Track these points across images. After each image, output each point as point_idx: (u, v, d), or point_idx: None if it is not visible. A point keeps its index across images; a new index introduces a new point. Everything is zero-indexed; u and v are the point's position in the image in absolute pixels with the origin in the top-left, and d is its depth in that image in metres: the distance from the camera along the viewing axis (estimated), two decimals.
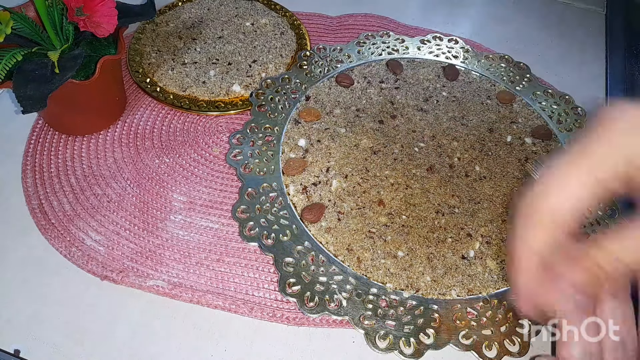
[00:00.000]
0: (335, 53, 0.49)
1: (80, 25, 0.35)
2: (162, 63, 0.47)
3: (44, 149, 0.41)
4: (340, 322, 0.33)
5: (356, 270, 0.34)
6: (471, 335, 0.32)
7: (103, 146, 0.42)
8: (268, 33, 0.51)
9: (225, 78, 0.46)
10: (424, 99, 0.46)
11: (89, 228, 0.37)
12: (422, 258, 0.35)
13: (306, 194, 0.38)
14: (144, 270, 0.35)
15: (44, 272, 0.35)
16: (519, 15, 0.58)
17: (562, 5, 0.60)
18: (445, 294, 0.34)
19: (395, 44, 0.50)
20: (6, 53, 0.35)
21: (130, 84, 0.47)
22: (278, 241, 0.35)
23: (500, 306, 0.33)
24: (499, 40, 0.54)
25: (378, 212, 0.37)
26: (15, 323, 0.32)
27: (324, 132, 0.42)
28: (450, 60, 0.49)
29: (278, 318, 0.33)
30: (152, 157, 0.41)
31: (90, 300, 0.33)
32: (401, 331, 0.32)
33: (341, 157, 0.41)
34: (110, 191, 0.39)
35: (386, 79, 0.47)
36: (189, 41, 0.49)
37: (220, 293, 0.34)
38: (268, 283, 0.35)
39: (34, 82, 0.34)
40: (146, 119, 0.44)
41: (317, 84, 0.46)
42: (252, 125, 0.42)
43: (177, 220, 0.38)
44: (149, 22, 0.50)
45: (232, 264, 0.35)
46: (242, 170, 0.39)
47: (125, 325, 0.33)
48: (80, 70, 0.38)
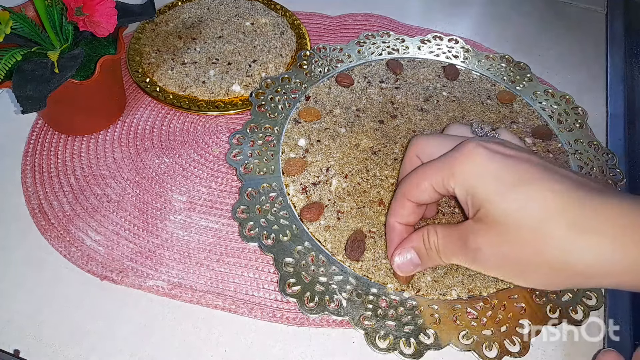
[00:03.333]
0: (335, 53, 0.49)
1: (80, 25, 0.35)
2: (162, 63, 0.47)
3: (44, 148, 0.41)
4: (340, 322, 0.33)
5: (356, 271, 0.34)
6: (471, 335, 0.32)
7: (103, 146, 0.42)
8: (268, 33, 0.51)
9: (225, 78, 0.46)
10: (424, 99, 0.46)
11: (88, 228, 0.37)
12: None
13: (306, 193, 0.38)
14: (144, 270, 0.35)
15: (44, 272, 0.35)
16: (519, 15, 0.58)
17: (562, 5, 0.60)
18: (446, 294, 0.34)
19: (396, 43, 0.50)
20: (6, 53, 0.35)
21: (130, 84, 0.47)
22: (278, 241, 0.35)
23: (500, 306, 0.33)
24: (499, 40, 0.54)
25: (378, 211, 0.37)
26: (15, 323, 0.32)
27: (324, 132, 0.42)
28: (451, 60, 0.49)
29: (278, 318, 0.33)
30: (152, 157, 0.41)
31: (90, 300, 0.33)
32: (401, 331, 0.32)
33: (341, 157, 0.41)
34: (110, 191, 0.39)
35: (386, 78, 0.47)
36: (189, 41, 0.49)
37: (220, 293, 0.34)
38: (268, 283, 0.35)
39: (33, 82, 0.34)
40: (146, 118, 0.44)
41: (317, 84, 0.46)
42: (252, 125, 0.42)
43: (177, 220, 0.38)
44: (149, 21, 0.50)
45: (232, 264, 0.35)
46: (242, 170, 0.39)
47: (125, 325, 0.32)
48: (80, 70, 0.38)
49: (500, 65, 0.49)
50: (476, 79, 0.48)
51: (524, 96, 0.47)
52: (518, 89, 0.47)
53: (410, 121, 0.44)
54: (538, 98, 0.46)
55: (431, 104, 0.45)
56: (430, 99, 0.46)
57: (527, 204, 0.26)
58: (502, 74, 0.48)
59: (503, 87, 0.47)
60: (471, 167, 0.28)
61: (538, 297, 0.33)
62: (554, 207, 0.26)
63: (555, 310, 0.33)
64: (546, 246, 0.26)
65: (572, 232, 0.25)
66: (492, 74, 0.48)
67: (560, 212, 0.25)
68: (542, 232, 0.26)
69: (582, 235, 0.25)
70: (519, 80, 0.48)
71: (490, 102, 0.46)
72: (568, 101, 0.46)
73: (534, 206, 0.26)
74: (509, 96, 0.46)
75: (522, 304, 0.33)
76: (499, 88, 0.47)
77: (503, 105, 0.46)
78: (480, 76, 0.48)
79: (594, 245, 0.25)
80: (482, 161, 0.28)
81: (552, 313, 0.33)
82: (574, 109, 0.46)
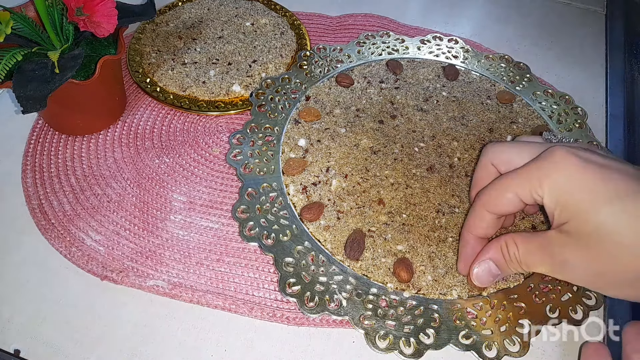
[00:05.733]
0: (335, 53, 0.49)
1: (80, 25, 0.35)
2: (162, 63, 0.47)
3: (44, 149, 0.41)
4: (340, 322, 0.33)
5: (355, 270, 0.34)
6: (471, 335, 0.32)
7: (103, 146, 0.42)
8: (268, 33, 0.51)
9: (225, 78, 0.46)
10: (424, 99, 0.46)
11: (89, 228, 0.37)
12: (423, 257, 0.35)
13: (306, 193, 0.38)
14: (144, 270, 0.35)
15: (44, 272, 0.35)
16: (519, 15, 0.58)
17: (562, 5, 0.60)
18: (446, 294, 0.34)
19: (395, 44, 0.50)
20: (6, 53, 0.35)
21: (130, 84, 0.47)
22: (278, 241, 0.35)
23: (500, 306, 0.33)
24: (499, 40, 0.54)
25: (378, 211, 0.37)
26: (15, 323, 0.32)
27: (324, 132, 0.42)
28: (450, 60, 0.50)
29: (278, 318, 0.33)
30: (152, 157, 0.41)
31: (90, 300, 0.33)
32: (401, 331, 0.32)
33: (341, 157, 0.41)
34: (110, 191, 0.39)
35: (386, 79, 0.47)
36: (189, 41, 0.49)
37: (220, 293, 0.34)
38: (268, 283, 0.35)
39: (34, 82, 0.34)
40: (146, 119, 0.44)
41: (317, 84, 0.46)
42: (252, 125, 0.42)
43: (177, 220, 0.38)
44: (149, 22, 0.50)
45: (232, 264, 0.35)
46: (242, 170, 0.39)
47: (125, 325, 0.33)
48: (80, 70, 0.38)
49: (499, 65, 0.49)
50: (476, 79, 0.48)
51: (524, 96, 0.47)
52: (518, 89, 0.47)
53: (410, 121, 0.44)
54: (538, 98, 0.47)
55: (431, 104, 0.45)
56: (430, 99, 0.46)
57: (622, 220, 0.25)
58: (502, 74, 0.48)
59: (503, 87, 0.47)
60: (563, 178, 0.27)
61: (538, 297, 0.33)
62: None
63: (555, 310, 0.33)
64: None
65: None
66: (491, 74, 0.48)
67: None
68: (635, 252, 0.25)
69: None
70: (518, 80, 0.48)
71: (490, 102, 0.46)
72: (568, 101, 0.46)
73: (629, 222, 0.25)
74: (508, 96, 0.46)
75: (522, 303, 0.33)
76: (498, 88, 0.47)
77: (503, 105, 0.46)
78: (480, 76, 0.48)
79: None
80: (575, 171, 0.27)
81: (552, 313, 0.33)
82: (574, 109, 0.46)
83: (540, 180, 0.28)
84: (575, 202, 0.27)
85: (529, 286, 0.34)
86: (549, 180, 0.28)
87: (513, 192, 0.29)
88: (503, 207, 0.30)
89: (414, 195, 0.38)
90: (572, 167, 0.27)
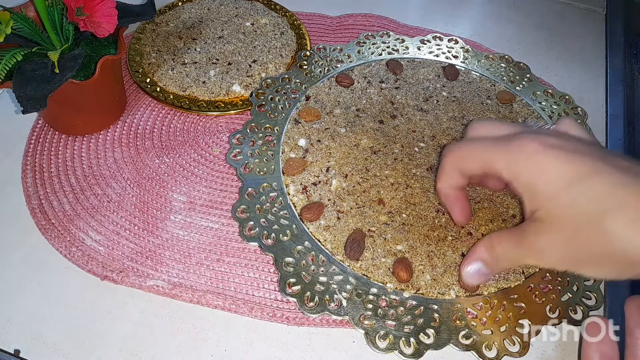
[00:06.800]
0: (335, 53, 0.49)
1: (80, 25, 0.35)
2: (162, 63, 0.47)
3: (44, 148, 0.41)
4: (340, 322, 0.33)
5: (355, 270, 0.34)
6: (471, 335, 0.32)
7: (103, 146, 0.42)
8: (268, 33, 0.51)
9: (225, 78, 0.46)
10: (424, 99, 0.46)
11: (89, 228, 0.37)
12: (422, 256, 0.35)
13: (306, 193, 0.38)
14: (144, 270, 0.35)
15: (44, 272, 0.35)
16: (519, 15, 0.58)
17: (562, 5, 0.60)
18: (445, 294, 0.34)
19: (395, 44, 0.50)
20: (6, 53, 0.35)
21: (130, 84, 0.47)
22: (278, 241, 0.35)
23: (500, 306, 0.33)
24: (499, 40, 0.54)
25: (378, 210, 0.37)
26: (15, 323, 0.32)
27: (324, 132, 0.42)
28: (450, 60, 0.50)
29: (278, 318, 0.33)
30: (152, 157, 0.41)
31: (90, 300, 0.33)
32: (401, 331, 0.32)
33: (341, 157, 0.41)
34: (110, 191, 0.39)
35: (386, 79, 0.47)
36: (189, 41, 0.49)
37: (220, 293, 0.34)
38: (268, 283, 0.35)
39: (34, 82, 0.34)
40: (146, 119, 0.44)
41: (317, 84, 0.46)
42: (252, 125, 0.42)
43: (177, 220, 0.38)
44: (149, 22, 0.50)
45: (232, 264, 0.35)
46: (242, 170, 0.39)
47: (125, 325, 0.33)
48: (80, 70, 0.38)
49: (499, 65, 0.49)
50: (476, 79, 0.48)
51: (524, 96, 0.47)
52: (518, 89, 0.47)
53: (410, 121, 0.44)
54: (538, 98, 0.47)
55: (431, 104, 0.45)
56: (430, 99, 0.46)
57: (585, 200, 0.26)
58: (502, 74, 0.48)
59: (503, 87, 0.47)
60: (530, 167, 0.28)
61: (538, 297, 0.34)
62: (613, 202, 0.25)
63: (555, 310, 0.33)
64: (609, 243, 0.25)
65: (631, 228, 0.25)
66: (491, 74, 0.48)
67: (620, 207, 0.25)
68: (602, 229, 0.25)
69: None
70: (518, 80, 0.48)
71: (490, 102, 0.46)
72: (568, 101, 0.46)
73: (592, 202, 0.26)
74: (508, 96, 0.46)
75: (522, 303, 0.33)
76: (498, 88, 0.47)
77: (503, 105, 0.46)
78: (480, 76, 0.48)
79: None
80: (540, 159, 0.28)
81: (552, 313, 0.33)
82: (574, 109, 0.46)
83: (510, 168, 0.29)
84: (542, 188, 0.27)
85: (529, 286, 0.34)
86: (517, 168, 0.29)
87: (481, 162, 0.31)
88: (469, 171, 0.32)
89: (414, 195, 0.38)
90: (536, 155, 0.28)
